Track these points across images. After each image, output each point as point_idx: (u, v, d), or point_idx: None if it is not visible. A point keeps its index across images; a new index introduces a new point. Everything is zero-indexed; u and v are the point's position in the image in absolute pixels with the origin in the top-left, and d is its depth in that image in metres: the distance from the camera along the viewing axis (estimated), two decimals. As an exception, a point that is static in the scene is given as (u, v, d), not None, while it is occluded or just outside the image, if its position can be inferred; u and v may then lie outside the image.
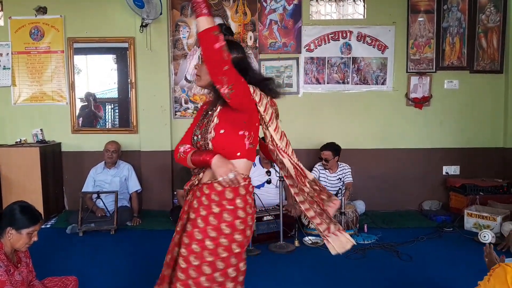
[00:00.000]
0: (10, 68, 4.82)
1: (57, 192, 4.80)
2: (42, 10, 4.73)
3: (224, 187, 1.63)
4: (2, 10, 4.86)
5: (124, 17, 4.72)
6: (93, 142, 4.84)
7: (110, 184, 4.43)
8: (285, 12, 4.82)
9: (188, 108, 4.93)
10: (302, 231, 3.78)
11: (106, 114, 5.13)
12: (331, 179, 4.46)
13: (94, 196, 4.19)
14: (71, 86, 4.86)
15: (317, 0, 4.90)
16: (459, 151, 4.95)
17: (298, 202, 1.81)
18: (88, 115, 4.96)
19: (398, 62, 4.86)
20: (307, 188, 1.78)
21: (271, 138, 1.74)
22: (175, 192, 4.59)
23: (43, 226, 3.86)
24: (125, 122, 4.98)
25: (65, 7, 4.77)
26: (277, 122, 1.75)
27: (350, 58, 4.85)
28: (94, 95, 4.96)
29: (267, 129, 1.73)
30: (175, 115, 4.92)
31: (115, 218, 4.06)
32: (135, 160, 4.80)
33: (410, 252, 3.44)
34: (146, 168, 4.83)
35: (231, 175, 1.61)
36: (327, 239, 1.79)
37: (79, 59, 4.91)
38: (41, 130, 4.83)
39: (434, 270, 3.11)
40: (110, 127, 5.07)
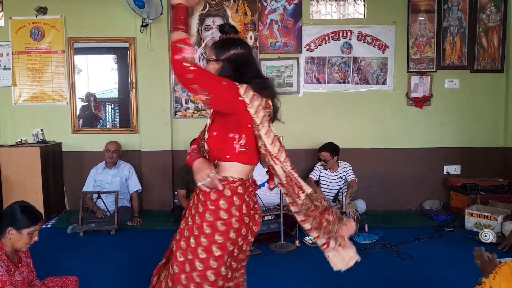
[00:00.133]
0: (10, 68, 4.82)
1: (57, 192, 4.81)
2: (43, 10, 4.73)
3: (210, 188, 1.64)
4: (2, 11, 4.86)
5: (125, 17, 4.72)
6: (93, 142, 4.84)
7: (110, 184, 4.43)
8: (285, 12, 4.81)
9: (188, 108, 4.93)
10: (302, 231, 3.77)
11: (107, 114, 5.13)
12: (332, 178, 4.46)
13: (95, 196, 4.19)
14: (72, 86, 4.86)
15: (317, -1, 4.92)
16: (460, 151, 4.94)
17: (293, 212, 1.73)
18: (89, 115, 4.96)
19: (398, 62, 4.85)
20: (301, 200, 1.67)
21: (263, 142, 1.65)
22: (175, 192, 4.59)
23: (43, 226, 3.86)
24: (125, 122, 4.98)
25: (65, 7, 4.77)
26: (269, 125, 1.67)
27: (351, 57, 4.85)
28: (95, 95, 4.96)
29: (258, 132, 1.64)
30: (176, 115, 4.92)
31: (115, 218, 4.06)
32: (136, 160, 4.80)
33: (411, 251, 3.43)
34: (147, 168, 4.83)
35: (206, 181, 1.61)
36: (326, 254, 1.71)
37: (79, 59, 4.91)
38: (41, 130, 4.83)
39: (435, 270, 3.10)
40: (110, 127, 5.07)
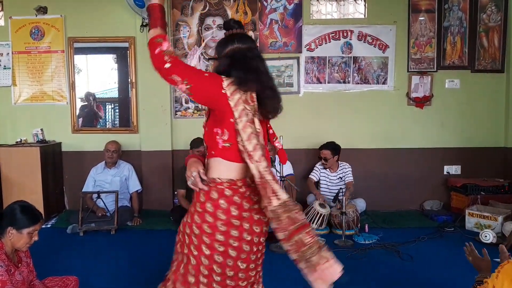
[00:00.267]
0: (10, 68, 4.82)
1: (57, 192, 4.80)
2: (43, 10, 4.72)
3: (200, 189, 1.62)
4: (2, 10, 4.86)
5: (125, 16, 4.71)
6: (93, 142, 4.83)
7: (110, 184, 4.43)
8: (285, 12, 4.81)
9: (188, 107, 4.92)
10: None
11: (107, 113, 5.12)
12: (332, 178, 4.46)
13: (95, 196, 4.18)
14: (72, 86, 4.85)
15: (317, -1, 4.91)
16: (460, 151, 4.94)
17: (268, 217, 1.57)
18: (89, 115, 4.96)
19: (399, 62, 4.85)
20: (272, 206, 1.49)
21: (240, 137, 1.54)
22: (175, 192, 4.59)
23: (43, 226, 3.85)
24: (125, 122, 4.98)
25: (65, 7, 4.77)
26: (248, 121, 1.54)
27: (351, 57, 4.84)
28: (94, 95, 4.96)
29: (236, 126, 1.55)
30: (176, 114, 4.92)
31: (115, 218, 4.05)
32: (136, 160, 4.79)
33: (411, 252, 3.43)
34: (147, 168, 4.83)
35: (190, 180, 1.61)
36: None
37: (79, 59, 4.90)
38: (41, 130, 4.83)
39: (435, 270, 3.10)
40: (110, 127, 5.06)
